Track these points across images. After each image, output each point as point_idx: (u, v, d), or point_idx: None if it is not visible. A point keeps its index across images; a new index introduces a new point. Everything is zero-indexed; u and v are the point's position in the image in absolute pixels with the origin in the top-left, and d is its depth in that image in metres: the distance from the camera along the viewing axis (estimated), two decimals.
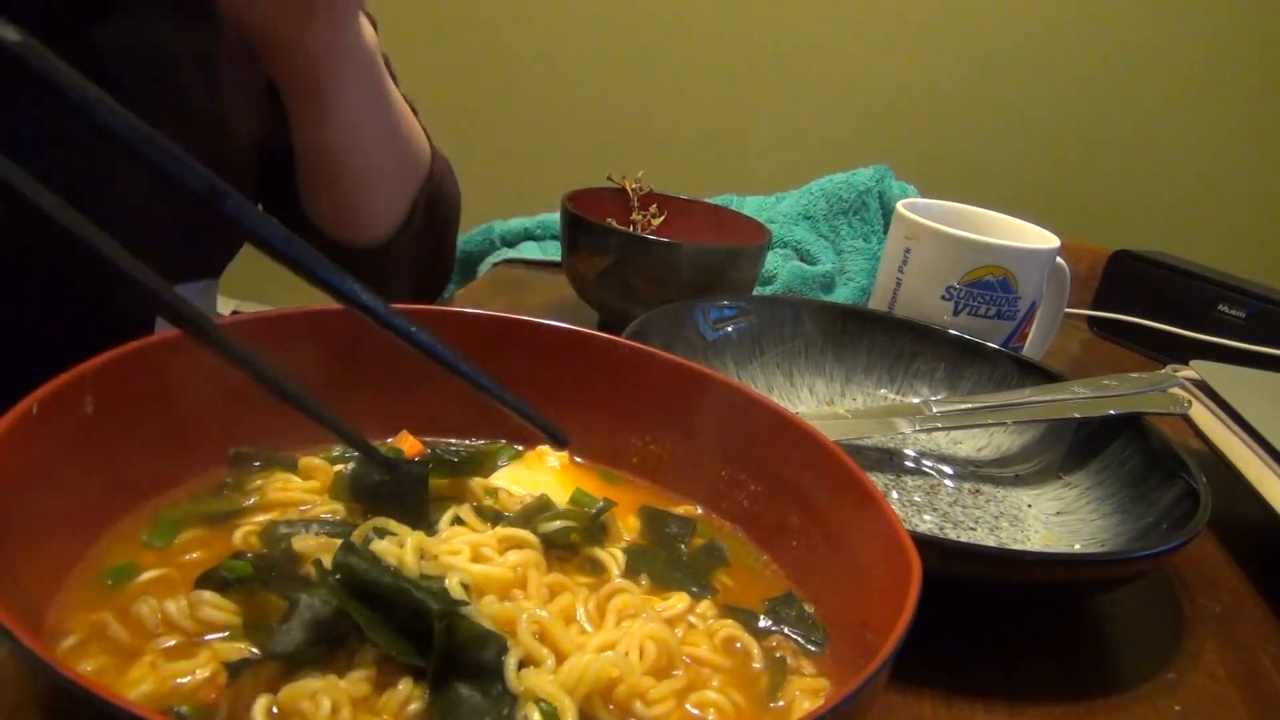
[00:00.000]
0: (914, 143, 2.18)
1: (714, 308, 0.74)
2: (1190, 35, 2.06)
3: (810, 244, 1.04)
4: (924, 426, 0.68)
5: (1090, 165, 2.18)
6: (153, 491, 0.41)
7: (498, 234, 1.06)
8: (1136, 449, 0.65)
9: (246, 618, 0.36)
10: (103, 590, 0.36)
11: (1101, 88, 2.13)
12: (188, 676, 0.33)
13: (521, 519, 0.43)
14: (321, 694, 0.32)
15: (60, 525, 0.36)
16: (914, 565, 0.35)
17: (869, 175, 1.07)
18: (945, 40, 2.15)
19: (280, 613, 0.35)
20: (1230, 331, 1.01)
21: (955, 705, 0.48)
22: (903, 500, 0.64)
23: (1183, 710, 0.50)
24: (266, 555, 0.39)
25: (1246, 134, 2.11)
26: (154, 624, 0.35)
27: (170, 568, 0.38)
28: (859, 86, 2.21)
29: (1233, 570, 0.65)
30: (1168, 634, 0.57)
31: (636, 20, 2.25)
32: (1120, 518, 0.61)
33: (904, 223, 0.82)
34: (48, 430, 0.35)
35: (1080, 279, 1.03)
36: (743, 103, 2.27)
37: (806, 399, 0.75)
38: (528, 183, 1.72)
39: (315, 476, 0.44)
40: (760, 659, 0.40)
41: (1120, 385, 0.70)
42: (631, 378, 0.50)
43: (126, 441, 0.39)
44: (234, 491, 0.43)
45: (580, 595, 0.40)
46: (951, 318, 0.80)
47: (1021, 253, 0.80)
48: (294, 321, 0.46)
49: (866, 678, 0.29)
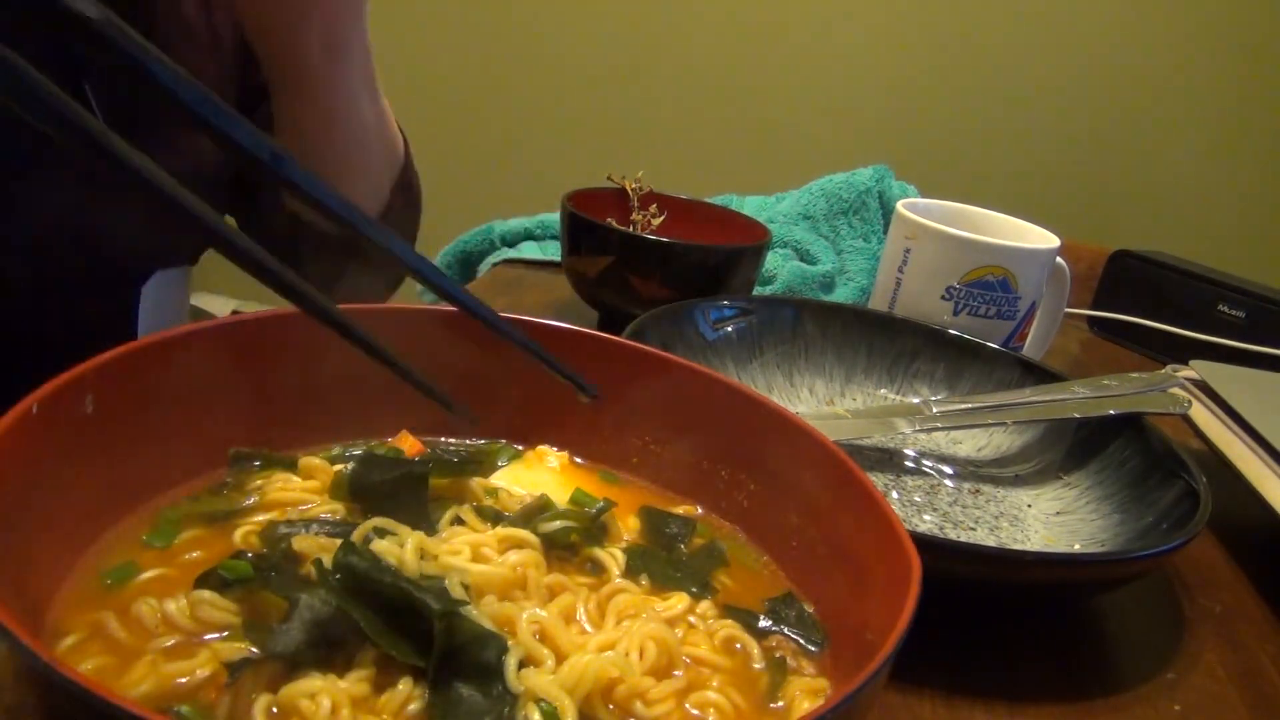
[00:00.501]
0: (914, 143, 2.18)
1: (714, 308, 0.74)
2: (1190, 35, 2.06)
3: (810, 244, 1.04)
4: (924, 426, 0.68)
5: (1090, 165, 2.18)
6: (153, 491, 0.41)
7: (498, 234, 1.06)
8: (1136, 449, 0.65)
9: (246, 617, 0.36)
10: (103, 590, 0.36)
11: (1102, 87, 2.12)
12: (188, 676, 0.33)
13: (521, 519, 0.43)
14: (321, 694, 0.32)
15: (60, 525, 0.36)
16: (914, 565, 0.35)
17: (869, 175, 1.07)
18: (945, 40, 2.15)
19: (280, 612, 0.35)
20: (1230, 331, 1.01)
21: (955, 705, 0.48)
22: (903, 500, 0.64)
23: (1183, 710, 0.50)
24: (266, 555, 0.39)
25: (1246, 134, 2.11)
26: (154, 623, 0.35)
27: (170, 567, 0.38)
28: (859, 86, 2.21)
29: (1233, 570, 0.65)
30: (1168, 634, 0.57)
31: (637, 20, 2.25)
32: (1120, 518, 0.61)
33: (904, 223, 0.82)
34: (48, 430, 0.35)
35: (1080, 279, 1.03)
36: (743, 103, 2.27)
37: (806, 399, 0.75)
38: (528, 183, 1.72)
39: (315, 476, 0.44)
40: (760, 659, 0.40)
41: (1120, 385, 0.70)
42: (631, 378, 0.50)
43: (126, 441, 0.40)
44: (234, 491, 0.43)
45: (581, 595, 0.40)
46: (951, 318, 0.80)
47: (1021, 253, 0.80)
48: (294, 321, 0.46)
49: (866, 678, 0.29)
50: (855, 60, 2.20)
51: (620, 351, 0.50)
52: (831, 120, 2.23)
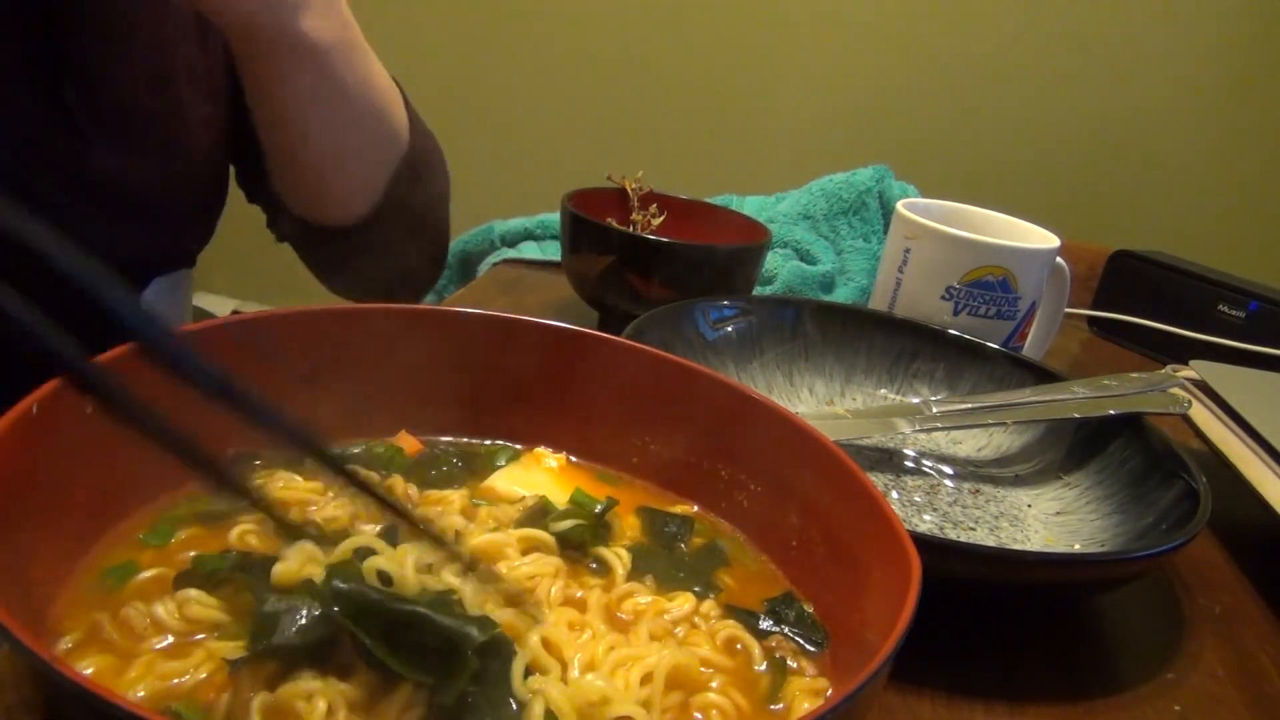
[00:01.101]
0: (914, 143, 2.18)
1: (714, 308, 0.74)
2: (1190, 35, 2.06)
3: (810, 244, 1.04)
4: (924, 426, 0.68)
5: (1090, 165, 2.18)
6: (153, 492, 0.41)
7: (498, 234, 1.06)
8: (1136, 449, 0.65)
9: (235, 615, 0.36)
10: (103, 590, 0.36)
11: (1101, 88, 2.12)
12: (185, 676, 0.33)
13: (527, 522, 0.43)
14: (318, 695, 0.32)
15: (60, 525, 0.36)
16: (914, 565, 0.35)
17: (869, 175, 1.07)
18: (945, 40, 2.15)
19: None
20: (1230, 331, 1.01)
21: (955, 705, 0.48)
22: (903, 500, 0.64)
23: (1182, 710, 0.50)
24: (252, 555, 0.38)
25: (1246, 134, 2.11)
26: (143, 627, 0.35)
27: (168, 567, 0.38)
28: (859, 86, 2.21)
29: (1233, 570, 0.65)
30: (1168, 634, 0.57)
31: (637, 20, 2.25)
32: (1120, 518, 0.61)
33: (904, 223, 0.82)
34: (48, 430, 0.35)
35: (1080, 279, 1.03)
36: (742, 103, 2.27)
37: (806, 399, 0.75)
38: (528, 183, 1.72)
39: (319, 476, 0.44)
40: (761, 660, 0.40)
41: (1120, 385, 0.70)
42: (631, 378, 0.50)
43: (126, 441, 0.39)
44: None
45: (593, 596, 0.40)
46: (951, 318, 0.80)
47: (1021, 253, 0.79)
48: (294, 321, 0.46)
49: (866, 678, 0.29)
50: (855, 60, 2.20)
51: (620, 351, 0.50)
52: (831, 120, 2.23)
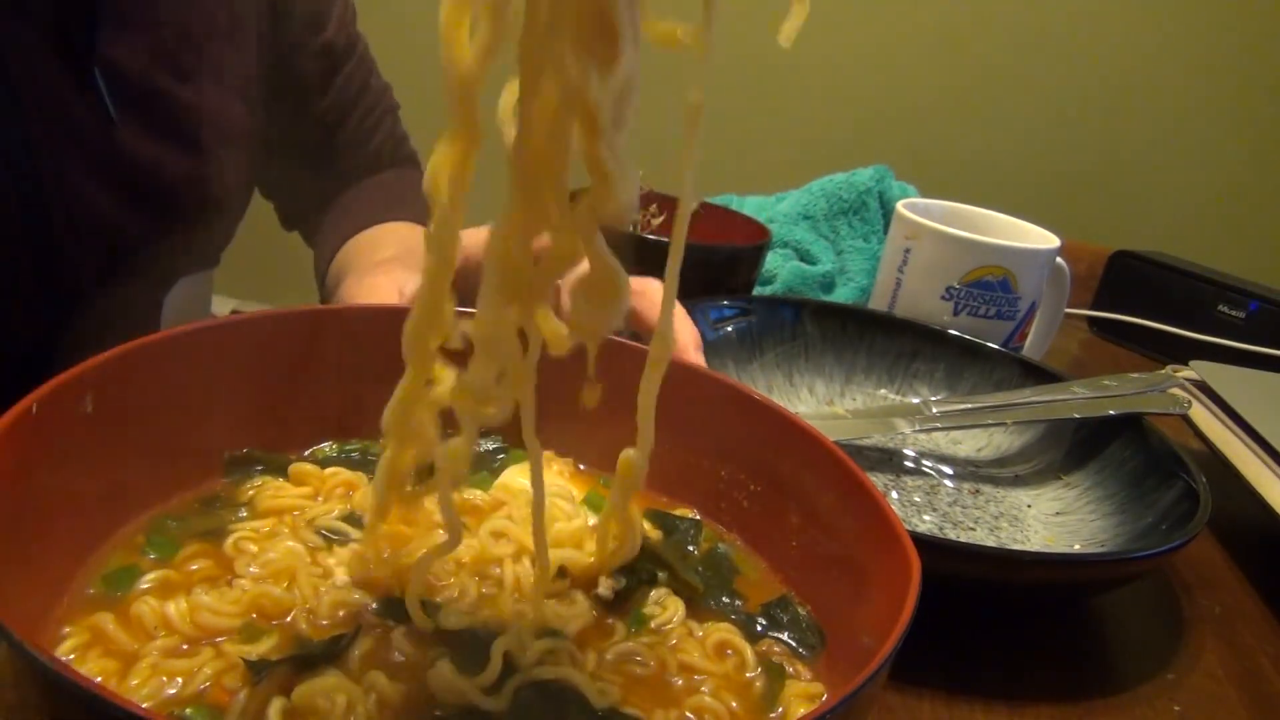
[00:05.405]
0: (914, 143, 2.18)
1: (714, 308, 0.74)
2: (1190, 35, 2.06)
3: (810, 244, 1.04)
4: (924, 426, 0.68)
5: (1090, 165, 2.18)
6: (151, 493, 0.41)
7: None
8: (1136, 449, 0.65)
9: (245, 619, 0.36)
10: (104, 592, 0.36)
11: (1102, 88, 2.12)
12: (188, 678, 0.33)
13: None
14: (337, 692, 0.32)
15: (61, 525, 0.36)
16: (914, 566, 0.35)
17: (869, 175, 1.07)
18: (945, 40, 2.15)
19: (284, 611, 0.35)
20: (1230, 331, 1.01)
21: (955, 705, 0.48)
22: (903, 500, 0.64)
23: (1182, 710, 0.50)
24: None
25: (1246, 134, 2.11)
26: (153, 626, 0.35)
27: (169, 569, 0.38)
28: (859, 86, 2.21)
29: (1232, 570, 0.65)
30: (1167, 634, 0.57)
31: None
32: (1120, 518, 0.61)
33: (904, 223, 0.82)
34: (48, 430, 0.35)
35: (1080, 279, 1.03)
36: (742, 103, 2.26)
37: (806, 399, 0.75)
38: None
39: (308, 482, 0.44)
40: (754, 665, 0.39)
41: (1120, 385, 0.70)
42: (632, 379, 0.50)
43: (126, 441, 0.39)
44: (225, 506, 0.42)
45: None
46: (951, 318, 0.80)
47: (1021, 253, 0.79)
48: (294, 320, 0.46)
49: (864, 680, 0.29)
50: (855, 60, 2.20)
51: (620, 352, 0.50)
52: (831, 120, 2.23)
